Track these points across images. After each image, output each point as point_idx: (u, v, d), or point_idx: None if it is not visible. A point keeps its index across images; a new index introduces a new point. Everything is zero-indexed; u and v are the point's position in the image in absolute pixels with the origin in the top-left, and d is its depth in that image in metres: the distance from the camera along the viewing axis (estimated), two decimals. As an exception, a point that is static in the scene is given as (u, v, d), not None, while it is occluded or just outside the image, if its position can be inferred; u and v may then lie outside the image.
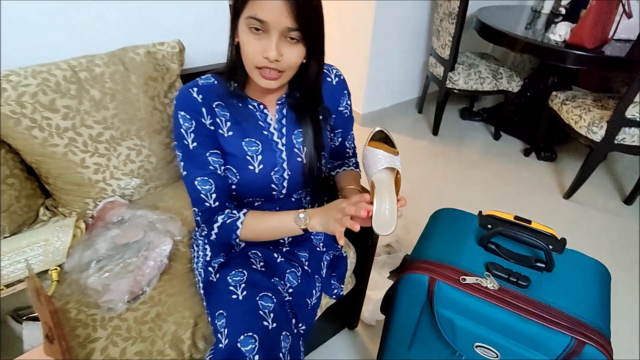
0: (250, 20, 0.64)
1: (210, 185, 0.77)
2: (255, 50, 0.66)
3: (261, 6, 0.62)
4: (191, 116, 0.75)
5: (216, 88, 0.77)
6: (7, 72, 0.90)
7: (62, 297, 0.86)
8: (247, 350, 0.67)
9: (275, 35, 0.64)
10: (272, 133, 0.82)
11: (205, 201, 0.78)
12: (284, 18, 0.63)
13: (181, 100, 0.75)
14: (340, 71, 0.89)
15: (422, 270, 0.75)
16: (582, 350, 0.64)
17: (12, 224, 0.97)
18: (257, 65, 0.68)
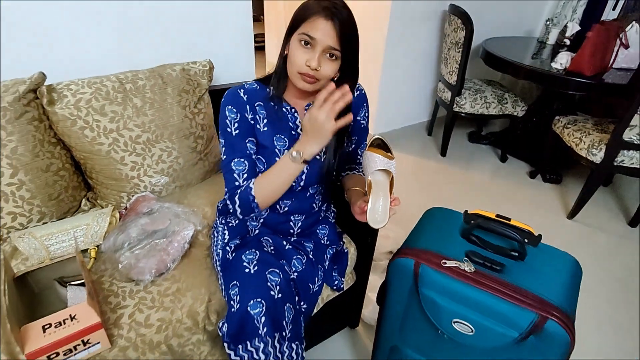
0: (303, 35, 0.80)
1: (244, 166, 0.89)
2: (302, 59, 0.81)
3: (314, 26, 0.78)
4: (237, 110, 0.89)
5: (258, 91, 0.93)
6: (68, 82, 1.09)
7: (98, 271, 1.00)
8: (256, 313, 0.79)
9: (319, 50, 0.80)
10: (298, 133, 0.96)
11: (237, 180, 0.88)
12: (329, 38, 0.79)
13: (230, 98, 0.90)
14: (362, 87, 1.04)
15: (409, 255, 0.86)
16: (545, 324, 0.72)
17: (59, 211, 1.13)
18: (300, 71, 0.83)
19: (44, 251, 1.01)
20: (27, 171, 1.03)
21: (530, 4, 2.94)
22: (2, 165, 0.99)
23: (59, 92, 1.06)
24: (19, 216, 1.04)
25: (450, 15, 2.30)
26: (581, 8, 2.79)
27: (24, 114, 1.01)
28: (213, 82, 1.40)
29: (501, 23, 2.87)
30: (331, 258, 1.09)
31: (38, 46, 1.16)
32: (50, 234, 1.04)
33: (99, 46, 1.25)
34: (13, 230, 1.05)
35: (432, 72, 2.77)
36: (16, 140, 1.00)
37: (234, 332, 0.80)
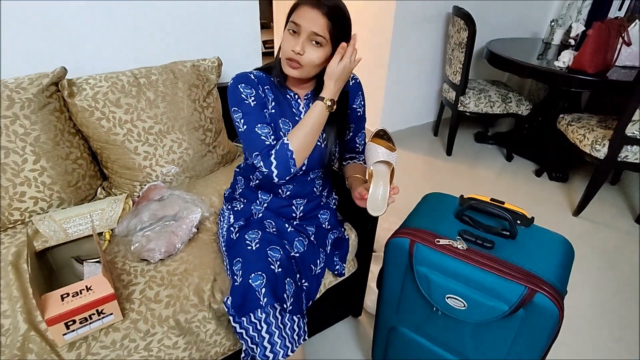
0: (290, 24, 0.86)
1: (268, 129, 0.91)
2: (288, 45, 0.87)
3: (300, 15, 0.85)
4: (251, 86, 0.93)
5: (265, 78, 0.98)
6: (87, 76, 1.17)
7: (112, 253, 1.06)
8: (257, 285, 0.83)
9: (303, 37, 0.85)
10: (300, 119, 1.01)
11: (266, 140, 0.90)
12: (312, 24, 0.84)
13: (240, 78, 0.94)
14: (357, 75, 1.08)
15: (404, 235, 0.90)
16: (533, 298, 0.75)
17: (76, 197, 1.20)
18: (286, 57, 0.88)
19: (62, 233, 1.08)
20: (48, 158, 1.10)
21: (535, 5, 2.97)
22: (26, 152, 1.07)
23: (79, 86, 1.14)
24: (40, 201, 1.12)
25: (453, 17, 2.35)
26: (586, 9, 2.80)
27: (46, 105, 1.09)
28: (222, 79, 1.47)
29: (506, 24, 2.90)
30: (332, 243, 1.13)
31: (60, 43, 1.24)
32: (68, 218, 1.11)
33: (116, 44, 1.34)
34: (35, 214, 1.12)
35: (437, 73, 2.81)
36: (39, 129, 1.08)
37: (238, 304, 0.85)
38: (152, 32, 1.38)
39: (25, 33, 1.18)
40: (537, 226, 0.92)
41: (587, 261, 1.76)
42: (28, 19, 1.17)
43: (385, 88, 2.57)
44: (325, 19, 0.84)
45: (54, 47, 1.24)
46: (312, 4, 0.83)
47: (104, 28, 1.29)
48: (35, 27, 1.19)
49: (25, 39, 1.19)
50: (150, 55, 1.39)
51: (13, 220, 1.10)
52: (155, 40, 1.40)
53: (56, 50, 1.24)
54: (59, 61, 1.16)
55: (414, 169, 2.51)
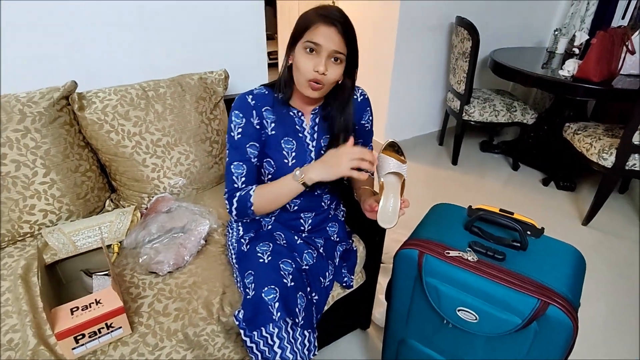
0: (307, 43, 0.86)
1: (242, 169, 0.96)
2: (308, 65, 0.87)
3: (317, 33, 0.85)
4: (243, 115, 0.95)
5: (267, 96, 0.99)
6: (96, 89, 1.19)
7: (120, 265, 1.06)
8: (270, 299, 0.83)
9: (324, 55, 0.86)
10: (305, 136, 1.02)
11: (235, 182, 0.96)
12: (332, 42, 0.85)
13: (238, 103, 0.96)
14: (365, 91, 1.09)
15: (413, 246, 0.89)
16: (547, 310, 0.74)
17: (85, 210, 1.21)
18: (307, 78, 0.88)
19: (71, 246, 1.08)
20: (58, 171, 1.11)
21: (539, 14, 2.99)
22: (36, 165, 1.08)
23: (89, 99, 1.16)
24: (50, 213, 1.12)
25: (457, 27, 2.37)
26: (589, 18, 2.81)
27: (57, 119, 1.11)
28: (229, 91, 1.48)
29: (510, 34, 2.92)
30: (341, 255, 1.13)
31: (71, 57, 1.27)
32: (77, 230, 1.12)
33: (126, 58, 1.36)
34: (44, 226, 1.13)
35: (441, 82, 2.82)
36: (50, 142, 1.09)
37: (249, 318, 0.84)
38: (161, 46, 1.40)
39: (38, 48, 1.21)
40: (547, 237, 0.91)
41: (598, 272, 1.73)
42: (40, 35, 1.19)
43: (390, 98, 2.58)
44: (342, 35, 0.85)
45: (65, 61, 1.26)
46: (329, 22, 0.84)
47: (114, 42, 1.32)
48: (46, 42, 1.21)
49: (37, 54, 1.21)
50: (159, 68, 1.41)
51: (22, 233, 1.11)
52: (164, 54, 1.42)
53: (67, 65, 1.27)
54: (70, 75, 1.17)
55: (419, 179, 2.51)
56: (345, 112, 1.01)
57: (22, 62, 1.20)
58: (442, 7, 2.45)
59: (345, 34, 0.86)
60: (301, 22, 0.87)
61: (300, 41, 0.88)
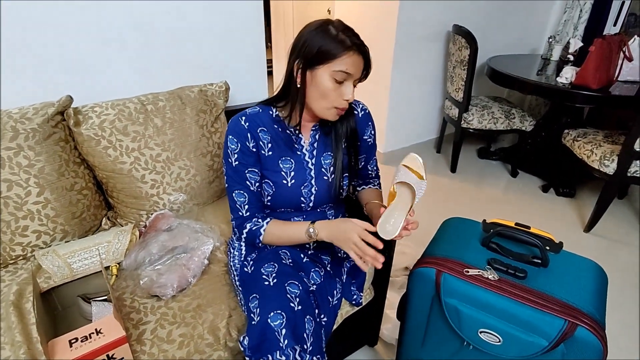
0: (338, 73, 0.83)
1: (244, 198, 0.95)
2: (338, 94, 0.86)
3: (350, 63, 0.83)
4: (237, 139, 0.92)
5: (260, 116, 0.96)
6: (93, 104, 1.14)
7: (120, 288, 1.00)
8: (276, 325, 0.78)
9: (351, 83, 0.86)
10: (304, 154, 0.99)
11: (239, 210, 0.96)
12: (360, 69, 0.85)
13: (232, 126, 0.93)
14: (366, 105, 1.07)
15: (430, 264, 0.86)
16: (575, 332, 0.71)
17: (81, 229, 1.15)
18: (336, 106, 0.87)
19: (66, 269, 1.03)
20: (52, 190, 1.06)
21: (533, 22, 3.02)
22: (30, 185, 1.02)
23: (85, 114, 1.11)
24: (44, 234, 1.07)
25: (454, 35, 2.37)
26: (582, 25, 2.85)
27: (51, 135, 1.06)
28: (230, 102, 1.44)
29: (506, 42, 2.94)
30: (348, 272, 1.09)
31: (67, 72, 1.21)
32: (73, 252, 1.06)
33: (124, 71, 1.31)
34: (37, 248, 1.07)
35: (438, 90, 2.82)
36: (44, 160, 1.04)
37: (255, 345, 0.80)
38: (160, 58, 1.36)
39: (32, 62, 1.15)
40: (566, 252, 0.88)
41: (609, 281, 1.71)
42: (33, 49, 1.14)
43: (388, 107, 2.57)
44: (365, 63, 0.86)
45: (61, 76, 1.21)
46: (358, 51, 0.83)
47: (111, 55, 1.27)
48: (41, 55, 1.16)
49: (31, 68, 1.16)
50: (158, 81, 1.37)
51: (14, 255, 1.05)
52: (162, 66, 1.37)
53: (63, 79, 1.21)
54: (66, 90, 1.13)
55: (419, 187, 2.48)
56: (349, 124, 0.99)
57: (16, 77, 1.14)
58: (440, 15, 2.45)
59: (367, 60, 0.87)
60: (327, 46, 0.82)
61: (325, 66, 0.84)
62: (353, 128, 1.01)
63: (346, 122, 0.99)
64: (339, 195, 1.03)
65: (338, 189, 1.01)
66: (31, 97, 1.11)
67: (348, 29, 0.84)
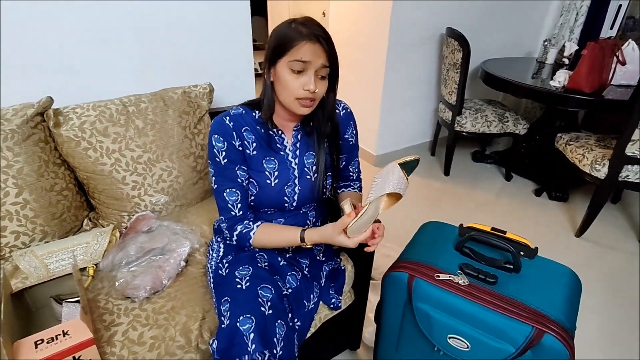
0: (295, 62, 0.83)
1: (236, 196, 0.94)
2: (297, 85, 0.85)
3: (304, 51, 0.82)
4: (224, 138, 0.92)
5: (244, 116, 0.95)
6: (74, 105, 1.14)
7: (95, 289, 1.00)
8: (245, 329, 0.78)
9: (311, 72, 0.84)
10: (287, 154, 0.99)
11: (232, 210, 0.95)
12: (319, 59, 0.83)
13: (216, 127, 0.93)
14: (347, 105, 1.06)
15: (403, 269, 0.85)
16: (542, 339, 0.70)
17: (61, 230, 1.15)
18: (297, 97, 0.86)
19: (43, 269, 1.03)
20: (31, 191, 1.06)
21: (528, 25, 3.01)
22: (8, 185, 1.03)
23: (65, 115, 1.11)
24: (22, 235, 1.07)
25: (447, 38, 2.36)
26: (578, 28, 2.83)
27: (30, 136, 1.06)
28: (215, 104, 1.44)
29: (500, 44, 2.93)
30: (327, 275, 1.08)
31: (49, 73, 1.22)
32: (50, 253, 1.06)
33: (107, 72, 1.31)
34: (15, 248, 1.07)
35: (432, 93, 2.81)
36: (22, 161, 1.04)
37: (224, 349, 0.79)
38: (144, 60, 1.36)
39: (14, 64, 1.16)
40: (541, 257, 0.87)
41: (593, 285, 1.70)
42: (15, 50, 1.15)
43: (381, 109, 2.56)
44: (326, 51, 0.84)
45: (43, 77, 1.21)
46: (314, 39, 0.82)
47: (93, 57, 1.27)
48: (21, 56, 1.16)
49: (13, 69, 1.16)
50: (142, 82, 1.37)
51: (-8, 256, 1.05)
52: (147, 68, 1.37)
53: (45, 80, 1.22)
54: (48, 91, 1.13)
55: (411, 190, 2.47)
56: (330, 125, 0.99)
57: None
58: (433, 18, 2.45)
59: (329, 49, 0.85)
60: (282, 39, 0.84)
61: (283, 59, 0.85)
62: (335, 125, 1.01)
63: (327, 122, 0.99)
64: (322, 195, 1.03)
65: (321, 189, 1.01)
66: (12, 99, 1.11)
67: (308, 22, 0.84)
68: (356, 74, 2.68)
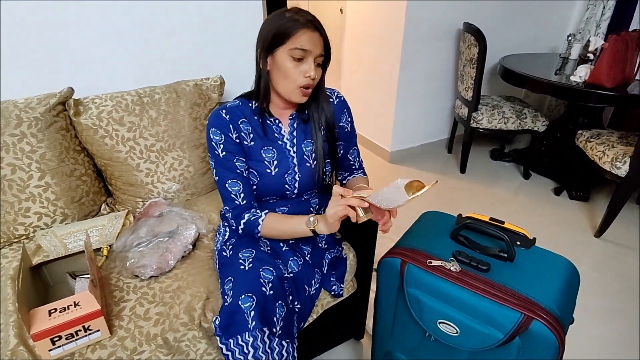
0: (295, 51, 0.85)
1: (238, 186, 0.96)
2: (298, 72, 0.87)
3: (304, 39, 0.84)
4: (220, 131, 0.95)
5: (241, 108, 0.99)
6: (93, 96, 1.22)
7: (108, 269, 1.07)
8: (246, 307, 0.81)
9: (311, 60, 0.87)
10: (285, 142, 1.01)
11: (235, 200, 0.96)
12: (318, 47, 0.86)
13: (212, 120, 0.96)
14: (341, 93, 1.08)
15: (396, 254, 0.86)
16: (530, 325, 0.69)
17: (80, 213, 1.23)
18: (300, 85, 0.89)
19: (62, 248, 1.10)
20: (53, 175, 1.14)
21: (553, 20, 2.91)
22: (32, 169, 1.11)
23: (85, 105, 1.19)
24: (44, 216, 1.15)
25: (464, 34, 2.33)
26: (605, 22, 2.72)
27: (53, 124, 1.14)
28: (226, 97, 1.49)
29: (522, 40, 2.85)
30: (329, 263, 1.10)
31: (70, 65, 1.30)
32: (70, 233, 1.13)
33: (124, 66, 1.39)
34: (38, 229, 1.16)
35: (449, 89, 2.77)
36: (45, 146, 1.12)
37: (225, 325, 0.83)
38: (160, 53, 1.43)
39: (38, 56, 1.25)
40: (538, 248, 0.86)
41: (611, 286, 1.64)
42: (40, 44, 1.23)
43: (395, 105, 2.55)
44: (323, 39, 0.87)
45: (64, 69, 1.30)
46: (312, 27, 0.85)
47: (112, 51, 1.35)
48: (46, 49, 1.25)
49: (37, 62, 1.25)
50: (157, 75, 1.44)
51: (18, 235, 1.14)
52: (162, 61, 1.44)
53: (66, 72, 1.30)
54: (69, 82, 1.21)
55: (425, 186, 2.45)
56: (324, 110, 1.01)
57: (24, 69, 1.24)
58: (450, 14, 2.42)
59: (326, 36, 0.88)
60: (280, 27, 0.86)
61: (282, 47, 0.87)
62: (330, 114, 1.02)
63: (322, 109, 1.01)
64: (322, 181, 1.05)
65: (321, 175, 1.03)
66: (38, 88, 1.20)
67: (302, 11, 0.87)
68: (372, 70, 2.69)
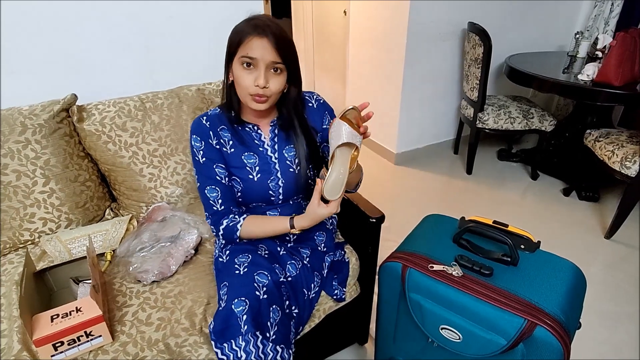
0: (243, 58, 0.85)
1: (216, 192, 0.97)
2: (248, 80, 0.86)
3: (251, 46, 0.83)
4: (201, 138, 0.95)
5: (220, 116, 0.99)
6: (96, 102, 1.23)
7: (111, 273, 1.07)
8: (239, 311, 0.81)
9: (262, 68, 0.85)
10: (266, 149, 1.01)
11: (214, 206, 0.97)
12: (268, 54, 0.84)
13: (194, 127, 0.97)
14: (320, 96, 1.07)
15: (397, 259, 0.85)
16: (534, 331, 0.68)
17: (85, 218, 1.24)
18: (250, 93, 0.87)
19: (66, 254, 1.11)
20: (57, 181, 1.15)
21: (559, 18, 2.87)
22: (36, 175, 1.12)
23: (88, 111, 1.20)
24: (49, 221, 1.16)
25: (469, 33, 2.31)
26: (614, 19, 2.67)
27: (57, 130, 1.15)
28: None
29: (529, 39, 2.81)
30: (330, 267, 1.09)
31: (73, 71, 1.32)
32: (74, 238, 1.14)
33: (126, 71, 1.40)
34: (43, 234, 1.17)
35: (455, 89, 2.75)
36: (49, 153, 1.13)
37: (219, 330, 0.83)
38: (162, 59, 1.44)
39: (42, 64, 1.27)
40: (543, 251, 0.84)
41: (621, 289, 1.60)
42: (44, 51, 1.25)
43: (401, 107, 2.54)
44: (275, 45, 0.83)
45: (68, 76, 1.32)
46: (261, 33, 0.82)
47: (115, 57, 1.36)
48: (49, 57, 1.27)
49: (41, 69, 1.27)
50: (159, 81, 1.45)
51: (23, 240, 1.15)
52: (164, 66, 1.46)
53: (69, 79, 1.32)
54: (72, 89, 1.22)
55: (431, 188, 2.44)
56: (298, 118, 0.99)
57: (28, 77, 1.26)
58: (454, 14, 2.40)
59: (279, 42, 0.83)
60: (234, 36, 0.85)
61: (235, 56, 0.86)
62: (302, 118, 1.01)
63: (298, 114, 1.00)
64: (308, 186, 1.05)
65: (306, 180, 1.03)
66: (42, 95, 1.21)
67: (257, 17, 0.85)
68: (377, 72, 2.68)
